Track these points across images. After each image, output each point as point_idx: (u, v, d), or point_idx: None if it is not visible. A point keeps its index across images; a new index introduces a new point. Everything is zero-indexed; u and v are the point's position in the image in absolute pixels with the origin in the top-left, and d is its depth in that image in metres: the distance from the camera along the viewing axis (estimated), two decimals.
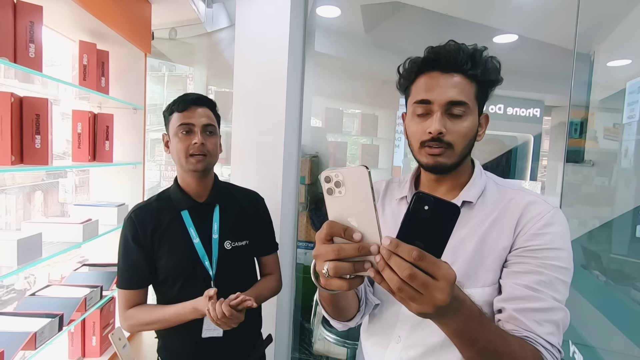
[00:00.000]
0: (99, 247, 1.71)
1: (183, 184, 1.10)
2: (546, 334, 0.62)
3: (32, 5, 1.11)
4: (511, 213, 0.70)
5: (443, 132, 0.68)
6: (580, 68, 1.83)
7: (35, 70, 1.10)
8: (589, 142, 1.99)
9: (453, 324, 0.51)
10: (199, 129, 1.04)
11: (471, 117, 0.70)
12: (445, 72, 0.70)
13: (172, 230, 1.06)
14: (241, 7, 1.65)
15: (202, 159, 1.04)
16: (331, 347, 2.02)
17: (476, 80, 0.70)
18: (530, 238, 0.67)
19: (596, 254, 1.94)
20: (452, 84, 0.69)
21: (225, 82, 2.68)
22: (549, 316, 0.63)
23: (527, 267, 0.66)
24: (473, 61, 0.69)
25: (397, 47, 2.55)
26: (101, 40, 1.53)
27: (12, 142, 1.06)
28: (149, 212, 1.08)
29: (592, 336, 1.66)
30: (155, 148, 4.12)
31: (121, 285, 1.07)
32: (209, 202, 1.11)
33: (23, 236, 1.07)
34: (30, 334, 1.06)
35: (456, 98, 0.68)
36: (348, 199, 0.47)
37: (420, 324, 0.75)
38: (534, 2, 2.03)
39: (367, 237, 0.47)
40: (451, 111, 0.69)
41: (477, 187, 0.75)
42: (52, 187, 4.15)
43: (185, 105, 1.05)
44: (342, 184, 0.47)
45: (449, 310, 0.47)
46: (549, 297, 0.64)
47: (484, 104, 0.74)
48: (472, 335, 0.53)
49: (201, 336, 1.06)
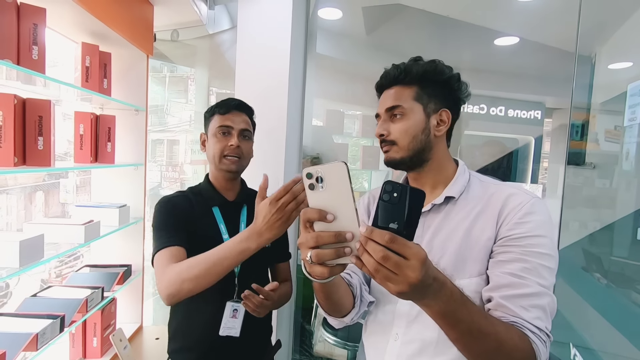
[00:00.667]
0: (100, 248, 1.71)
1: (215, 182, 1.15)
2: (533, 319, 0.64)
3: (35, 8, 1.11)
4: (493, 205, 0.75)
5: (384, 134, 0.82)
6: (581, 70, 1.83)
7: (38, 72, 1.10)
8: (590, 144, 1.99)
9: (435, 305, 0.55)
10: (236, 132, 1.10)
11: (411, 114, 0.80)
12: (386, 89, 0.85)
13: (204, 224, 1.09)
14: (243, 9, 1.66)
15: (236, 160, 1.10)
16: (332, 349, 2.02)
17: (415, 84, 0.81)
18: (512, 227, 0.71)
19: (597, 256, 1.94)
20: (389, 95, 0.83)
21: (227, 83, 2.68)
22: (534, 301, 0.65)
23: (511, 255, 0.69)
24: (406, 71, 0.81)
25: (398, 49, 2.55)
26: (103, 42, 1.54)
27: (15, 143, 1.07)
28: (186, 200, 1.12)
29: (593, 339, 1.66)
30: (156, 149, 4.12)
31: (161, 244, 0.99)
32: (238, 202, 1.15)
33: (25, 237, 1.07)
34: (31, 335, 1.06)
35: (390, 104, 0.82)
36: (328, 192, 0.52)
37: (416, 319, 0.78)
38: (535, 4, 2.03)
39: (346, 227, 0.52)
40: (392, 115, 0.82)
41: (459, 184, 0.81)
42: (53, 188, 4.15)
43: (227, 108, 1.11)
44: (323, 179, 0.51)
45: (429, 291, 0.52)
46: (534, 283, 0.66)
47: (435, 102, 0.81)
48: (455, 316, 0.56)
49: (218, 334, 1.06)
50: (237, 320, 1.08)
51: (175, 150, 4.64)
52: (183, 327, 1.12)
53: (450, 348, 0.74)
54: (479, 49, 2.53)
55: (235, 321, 1.08)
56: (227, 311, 1.07)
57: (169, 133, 4.33)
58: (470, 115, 2.76)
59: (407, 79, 0.82)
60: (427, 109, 0.81)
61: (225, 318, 1.07)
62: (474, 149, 2.83)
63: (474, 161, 2.77)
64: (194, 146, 2.83)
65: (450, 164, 0.85)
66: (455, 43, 2.38)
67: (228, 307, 1.08)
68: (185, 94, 3.96)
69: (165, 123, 3.88)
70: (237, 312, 1.08)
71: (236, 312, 1.08)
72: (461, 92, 0.83)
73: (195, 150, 2.75)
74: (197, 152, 2.74)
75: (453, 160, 0.86)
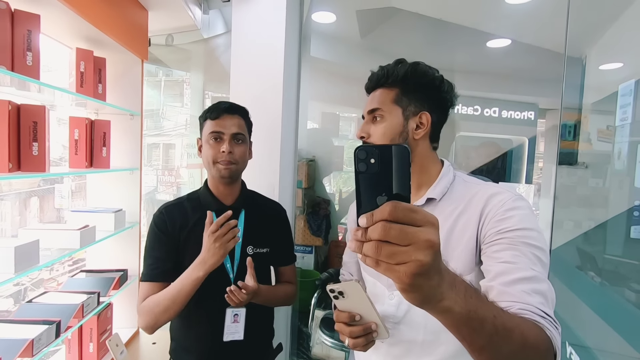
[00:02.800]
0: (96, 253, 1.71)
1: (212, 187, 1.14)
2: (539, 304, 0.60)
3: (29, 14, 1.11)
4: (476, 204, 0.76)
5: (364, 136, 0.84)
6: (572, 71, 1.86)
7: (32, 78, 1.10)
8: (582, 144, 2.01)
9: (455, 305, 0.44)
10: (228, 137, 1.07)
11: (389, 117, 0.82)
12: (372, 91, 0.87)
13: (199, 230, 1.08)
14: (237, 13, 1.67)
15: (229, 166, 1.08)
16: (329, 351, 2.02)
17: (397, 86, 0.82)
18: (496, 224, 0.71)
19: (591, 255, 1.96)
20: (373, 97, 0.85)
21: (222, 87, 2.69)
22: (534, 286, 0.62)
23: (501, 246, 0.68)
24: (388, 74, 0.83)
25: (393, 51, 2.57)
26: (98, 47, 1.54)
27: (9, 149, 1.07)
28: (179, 209, 1.12)
29: (588, 337, 1.68)
30: (152, 153, 4.12)
31: (144, 276, 1.07)
32: (235, 207, 1.13)
33: (20, 243, 1.07)
34: (27, 341, 1.06)
35: (371, 107, 0.84)
36: (350, 300, 0.70)
37: (402, 320, 0.79)
38: (526, 7, 2.06)
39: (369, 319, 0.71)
40: (373, 117, 0.84)
41: (441, 185, 0.81)
42: (48, 193, 4.13)
43: (217, 113, 1.09)
44: (343, 292, 0.69)
45: (443, 282, 0.42)
46: (527, 267, 0.64)
47: (416, 104, 0.82)
48: (478, 315, 0.46)
49: (222, 340, 1.07)
50: (239, 324, 1.09)
51: (171, 154, 4.64)
52: (184, 335, 1.12)
53: (437, 348, 0.76)
54: (471, 51, 2.55)
55: (238, 325, 1.09)
56: (228, 317, 1.08)
57: (165, 137, 4.32)
58: (465, 117, 2.78)
59: (389, 82, 0.83)
60: (405, 112, 0.81)
61: (227, 324, 1.08)
62: (469, 150, 2.85)
63: (470, 162, 2.79)
64: (190, 150, 2.83)
65: (435, 165, 0.85)
66: (448, 45, 2.41)
67: (228, 313, 1.08)
68: (181, 97, 3.96)
69: (161, 127, 3.88)
70: (238, 316, 1.09)
71: (237, 316, 1.09)
72: (446, 93, 0.83)
73: (191, 154, 2.76)
74: (193, 156, 2.74)
75: (440, 161, 0.86)
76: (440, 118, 0.85)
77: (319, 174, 2.65)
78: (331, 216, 2.56)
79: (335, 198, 2.81)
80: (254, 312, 1.10)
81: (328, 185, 2.74)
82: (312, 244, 2.46)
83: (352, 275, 1.01)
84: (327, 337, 1.84)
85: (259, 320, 1.14)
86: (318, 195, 2.63)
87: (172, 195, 4.00)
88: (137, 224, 1.73)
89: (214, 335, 1.08)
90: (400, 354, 0.79)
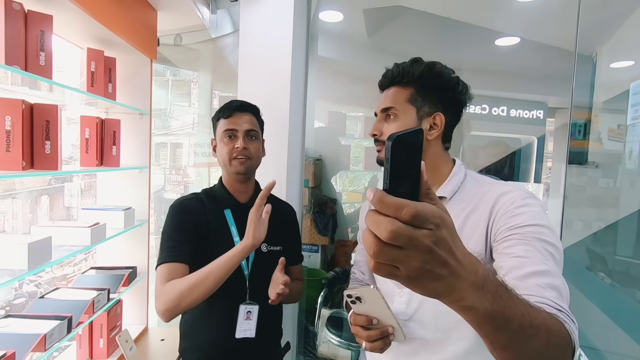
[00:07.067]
0: (106, 250, 1.73)
1: (227, 184, 1.16)
2: (555, 298, 0.57)
3: (42, 15, 1.13)
4: (486, 203, 0.76)
5: (377, 133, 0.85)
6: (582, 70, 1.83)
7: (45, 77, 1.12)
8: (592, 143, 1.99)
9: (479, 305, 0.41)
10: (241, 134, 1.11)
11: (403, 117, 0.81)
12: (386, 88, 0.87)
13: (216, 226, 1.11)
14: (245, 13, 1.68)
15: (244, 161, 1.11)
16: (336, 350, 2.02)
17: (412, 86, 0.82)
18: (508, 221, 0.70)
19: (601, 256, 1.94)
20: (387, 95, 0.85)
21: (230, 86, 2.70)
22: (548, 280, 0.60)
23: (513, 242, 0.68)
24: (404, 73, 0.82)
25: (400, 50, 2.56)
26: (108, 47, 1.56)
27: (23, 147, 1.09)
28: (198, 203, 1.14)
29: (598, 339, 1.65)
30: (160, 152, 4.15)
31: (164, 258, 1.03)
32: (250, 204, 1.13)
33: (33, 240, 1.09)
34: (40, 336, 1.08)
35: (384, 105, 0.84)
36: (367, 305, 0.71)
37: (412, 317, 0.79)
38: (535, 4, 2.04)
39: (387, 323, 0.72)
40: (386, 116, 0.84)
41: (452, 184, 0.81)
42: (57, 191, 4.19)
43: (229, 111, 1.12)
44: (361, 298, 0.70)
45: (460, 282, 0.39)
46: (540, 262, 0.62)
47: (430, 105, 0.81)
48: (504, 314, 0.43)
49: (234, 337, 1.08)
50: (252, 321, 1.10)
51: (179, 153, 4.67)
52: (195, 332, 1.13)
53: (447, 347, 0.76)
54: (480, 49, 2.53)
55: (250, 322, 1.10)
56: (241, 314, 1.09)
57: (173, 136, 4.36)
58: (473, 116, 2.76)
59: (405, 80, 0.82)
60: (420, 112, 0.81)
61: (240, 321, 1.09)
62: (477, 149, 2.82)
63: (478, 161, 2.76)
64: (197, 149, 2.85)
65: (447, 164, 0.85)
66: (456, 44, 2.39)
67: (242, 309, 1.09)
68: (189, 97, 3.99)
69: (169, 126, 3.91)
70: (251, 313, 1.10)
71: (250, 313, 1.10)
72: (461, 94, 0.83)
73: (199, 153, 2.77)
74: (200, 155, 2.76)
75: (451, 161, 0.86)
76: (454, 119, 0.85)
77: (325, 173, 2.65)
78: (338, 215, 2.56)
79: (342, 197, 2.81)
80: (265, 310, 1.11)
81: (335, 185, 2.74)
82: (319, 243, 2.46)
83: (363, 274, 1.01)
84: (334, 335, 1.84)
85: (269, 318, 1.14)
86: (325, 195, 2.64)
87: (180, 193, 4.03)
88: (146, 222, 1.75)
89: (226, 332, 1.08)
90: (410, 352, 0.79)
